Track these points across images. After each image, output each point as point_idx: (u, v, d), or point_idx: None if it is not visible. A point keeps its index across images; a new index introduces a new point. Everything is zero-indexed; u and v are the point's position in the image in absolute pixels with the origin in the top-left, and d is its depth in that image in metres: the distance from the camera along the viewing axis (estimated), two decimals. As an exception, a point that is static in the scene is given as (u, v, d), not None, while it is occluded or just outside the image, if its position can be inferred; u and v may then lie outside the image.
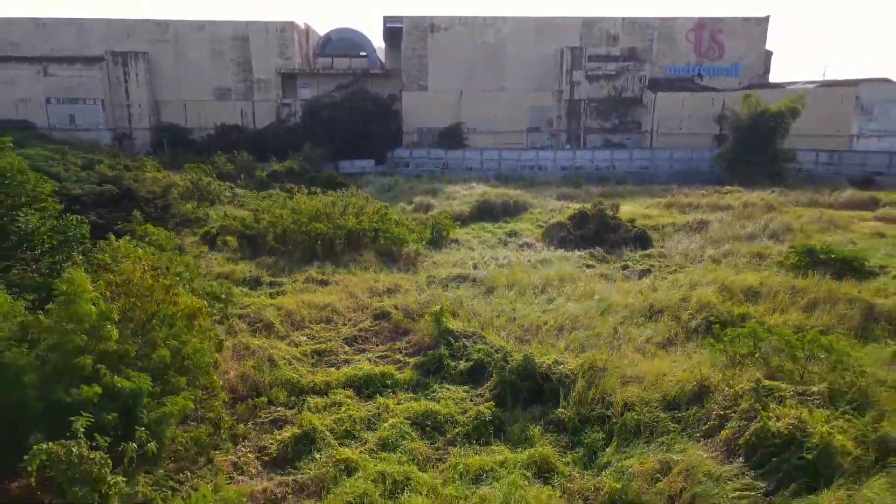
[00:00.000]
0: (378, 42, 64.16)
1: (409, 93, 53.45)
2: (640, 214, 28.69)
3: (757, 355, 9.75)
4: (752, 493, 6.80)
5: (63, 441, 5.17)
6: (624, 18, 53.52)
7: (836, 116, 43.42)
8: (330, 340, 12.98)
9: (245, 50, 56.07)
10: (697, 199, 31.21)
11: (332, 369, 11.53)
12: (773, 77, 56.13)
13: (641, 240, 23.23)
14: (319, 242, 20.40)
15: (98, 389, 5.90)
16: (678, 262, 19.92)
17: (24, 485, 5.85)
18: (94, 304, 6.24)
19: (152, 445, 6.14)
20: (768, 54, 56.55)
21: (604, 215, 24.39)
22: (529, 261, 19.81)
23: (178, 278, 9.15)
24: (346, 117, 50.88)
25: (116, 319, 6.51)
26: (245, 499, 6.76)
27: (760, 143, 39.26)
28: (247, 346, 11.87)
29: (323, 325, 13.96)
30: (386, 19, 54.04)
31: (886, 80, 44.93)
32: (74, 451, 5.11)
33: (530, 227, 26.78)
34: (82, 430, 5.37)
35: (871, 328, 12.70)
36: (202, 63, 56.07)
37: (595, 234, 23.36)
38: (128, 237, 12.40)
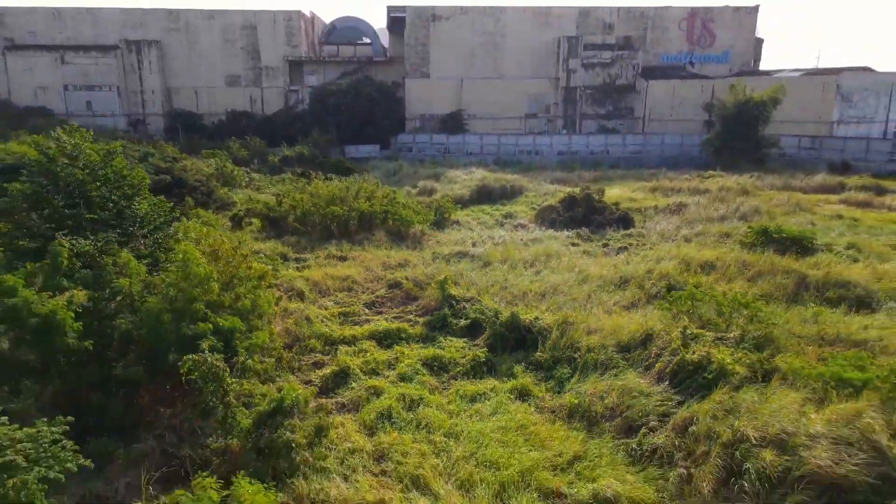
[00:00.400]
0: (383, 35, 65.98)
1: (412, 80, 55.65)
2: (627, 198, 31.22)
3: (692, 311, 12.39)
4: (669, 402, 9.45)
5: (201, 353, 7.78)
6: (619, 8, 55.49)
7: (818, 103, 45.67)
8: (352, 305, 15.64)
9: (253, 38, 58.16)
10: (680, 183, 33.72)
11: (357, 326, 14.19)
12: (768, 64, 58.75)
13: (624, 221, 25.77)
14: (335, 223, 23.02)
15: (209, 326, 8.46)
16: (654, 240, 22.47)
17: (162, 389, 8.50)
18: (201, 267, 8.82)
19: (250, 362, 8.76)
20: (759, 42, 58.60)
21: (591, 199, 26.93)
22: (522, 240, 22.40)
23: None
24: (352, 104, 53.22)
25: (215, 278, 9.09)
26: (311, 396, 9.40)
27: (745, 129, 41.62)
28: (285, 308, 14.53)
29: (345, 292, 16.61)
30: (389, 9, 56.04)
31: (866, 69, 47.16)
32: (208, 360, 7.69)
33: (525, 210, 29.30)
34: (207, 349, 7.97)
35: (801, 294, 15.33)
36: (212, 51, 58.21)
37: (583, 216, 25.89)
38: (184, 219, 14.97)
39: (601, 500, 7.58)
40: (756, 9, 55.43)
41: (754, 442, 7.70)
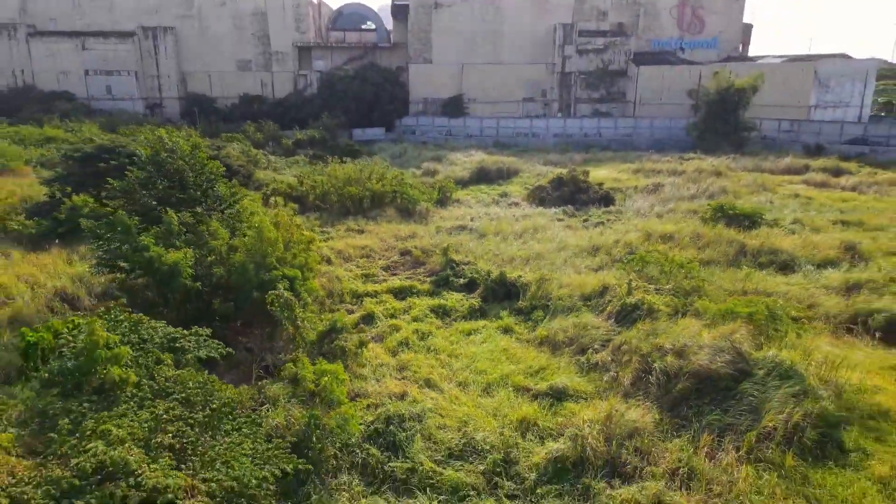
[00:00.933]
0: (386, 17, 68.56)
1: (415, 65, 58.50)
2: (612, 178, 34.46)
3: (641, 270, 15.79)
4: (612, 332, 12.88)
5: (278, 290, 11.14)
6: (613, -4, 58.09)
7: (797, 89, 48.57)
8: (371, 268, 19.03)
9: (264, 24, 60.89)
10: (661, 165, 36.97)
11: (376, 284, 17.60)
12: (762, 48, 61.88)
13: (606, 199, 29.07)
14: (351, 202, 26.35)
15: (280, 273, 11.81)
16: (629, 217, 25.79)
17: (244, 321, 11.93)
18: (266, 234, 12.15)
19: (308, 299, 12.19)
20: (747, 28, 61.27)
21: (577, 180, 30.21)
22: (514, 216, 25.71)
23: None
24: (359, 89, 56.23)
25: (279, 240, 12.41)
26: (354, 321, 12.86)
27: (726, 114, 44.70)
28: (318, 269, 17.93)
29: (364, 259, 20.00)
30: (394, -2, 58.75)
31: (843, 56, 49.97)
32: (284, 295, 11.06)
33: (519, 189, 32.56)
34: (282, 287, 11.34)
35: (740, 259, 18.71)
36: (224, 36, 61.03)
37: (569, 195, 29.17)
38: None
39: (555, 390, 11.04)
40: (743, -3, 58.00)
41: (663, 352, 11.16)
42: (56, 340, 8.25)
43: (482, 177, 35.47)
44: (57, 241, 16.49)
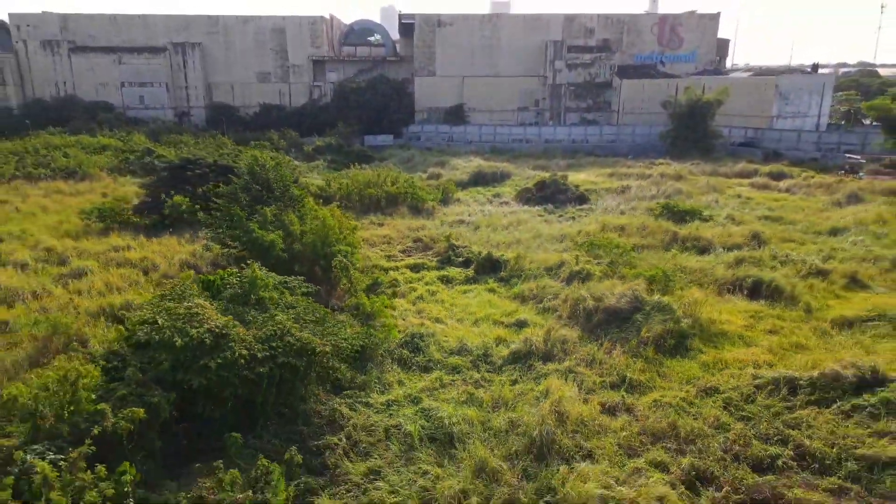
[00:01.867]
0: (390, 26, 74.53)
1: (420, 78, 64.51)
2: (589, 181, 40.41)
3: (590, 251, 21.78)
4: (562, 288, 18.89)
5: (340, 258, 17.03)
6: (599, 14, 64.07)
7: (761, 101, 54.50)
8: (391, 251, 25.02)
9: (282, 40, 66.96)
10: (633, 170, 42.93)
11: (396, 262, 23.58)
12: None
13: (581, 199, 35.01)
14: (370, 201, 32.34)
15: (338, 248, 17.72)
16: (597, 213, 31.76)
17: (314, 280, 17.91)
18: (328, 222, 18.11)
19: (358, 267, 18.16)
20: (723, 42, 67.21)
21: (557, 182, 36.19)
22: (504, 213, 31.69)
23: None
24: (370, 99, 62.30)
25: (335, 226, 18.33)
26: (388, 281, 18.92)
27: (695, 124, 50.63)
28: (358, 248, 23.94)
29: (385, 245, 26.01)
30: (401, 16, 64.80)
31: (803, 72, 55.84)
32: (343, 260, 16.96)
33: (510, 190, 38.50)
34: (341, 256, 17.27)
35: (672, 245, 24.68)
36: (246, 51, 67.10)
37: (550, 195, 35.13)
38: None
39: (519, 321, 16.99)
40: (717, 15, 63.96)
41: (588, 298, 17.18)
42: (222, 280, 14.23)
43: (479, 180, 41.45)
44: (169, 230, 22.54)
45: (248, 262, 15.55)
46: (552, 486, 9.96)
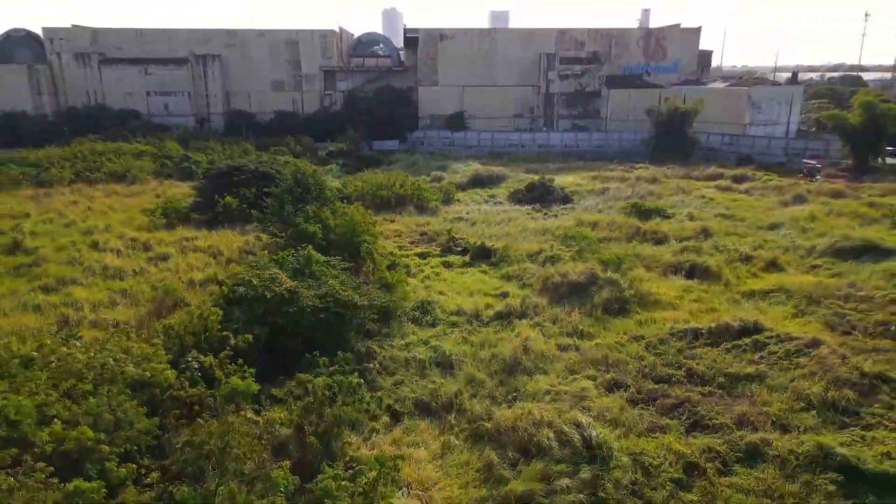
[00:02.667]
0: (394, 33, 79.69)
1: (424, 87, 69.66)
2: (575, 183, 45.46)
3: (564, 241, 26.91)
4: (539, 270, 23.98)
5: (366, 245, 22.09)
6: (589, 28, 69.19)
7: (735, 109, 59.53)
8: (402, 242, 30.17)
9: (295, 51, 72.11)
10: (614, 173, 47.99)
11: (407, 251, 28.72)
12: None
13: (565, 199, 40.12)
14: (381, 201, 37.45)
15: (364, 238, 22.77)
16: (578, 211, 36.85)
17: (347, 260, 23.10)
18: (355, 217, 23.13)
19: (379, 252, 23.26)
20: (705, 53, 72.28)
21: (545, 184, 41.30)
22: (497, 211, 36.85)
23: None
24: (377, 106, 67.43)
25: (361, 220, 23.35)
26: (403, 264, 24.06)
27: (674, 131, 55.70)
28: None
29: (397, 237, 31.15)
30: (406, 30, 69.95)
31: (774, 83, 60.90)
32: (369, 247, 22.01)
33: (504, 192, 43.55)
34: (366, 244, 22.30)
35: (635, 237, 29.79)
36: (262, 62, 72.23)
37: (539, 196, 40.22)
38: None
39: (503, 293, 22.12)
40: (699, 29, 69.10)
41: (556, 274, 22.33)
42: (285, 259, 19.37)
43: (477, 182, 46.53)
44: (224, 225, 27.75)
45: (293, 247, 20.74)
46: (517, 388, 15.14)
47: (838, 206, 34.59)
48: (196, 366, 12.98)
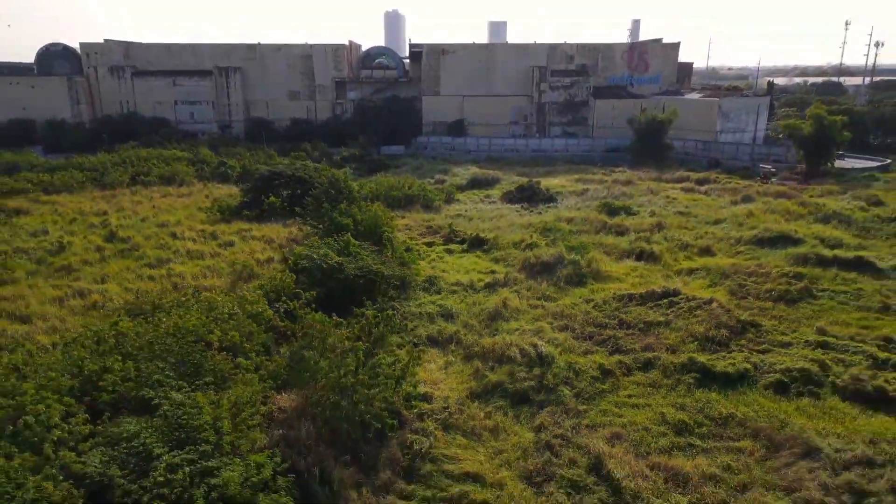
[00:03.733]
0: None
1: (427, 97, 76.41)
2: (560, 185, 52.15)
3: (543, 233, 33.61)
4: (521, 254, 30.68)
5: (386, 234, 28.80)
6: (578, 44, 75.89)
7: (708, 118, 66.23)
8: (412, 234, 36.90)
9: (309, 64, 78.88)
10: (595, 176, 54.72)
11: (416, 241, 35.43)
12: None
13: (549, 199, 46.81)
14: (392, 200, 44.13)
15: (384, 229, 29.45)
16: (560, 209, 43.52)
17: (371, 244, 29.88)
18: (377, 212, 29.78)
19: (397, 240, 29.95)
20: (688, 66, 78.95)
21: (533, 186, 48.02)
22: (491, 209, 43.57)
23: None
24: (385, 114, 74.18)
25: (382, 214, 30.00)
26: (415, 249, 30.80)
27: (651, 139, 62.38)
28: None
29: (407, 230, 37.87)
30: (411, 45, 76.73)
31: (743, 95, 67.58)
32: (390, 234, 28.69)
33: (498, 192, 50.25)
34: (388, 233, 28.99)
35: (601, 230, 36.52)
36: (279, 73, 79.01)
37: (527, 196, 46.92)
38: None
39: (492, 270, 28.87)
40: (678, 44, 75.80)
41: (532, 257, 29.10)
42: (328, 243, 26.10)
43: (474, 184, 53.28)
44: (269, 219, 34.51)
45: (329, 236, 27.51)
46: (497, 328, 21.90)
47: (776, 204, 41.29)
48: (283, 308, 19.74)
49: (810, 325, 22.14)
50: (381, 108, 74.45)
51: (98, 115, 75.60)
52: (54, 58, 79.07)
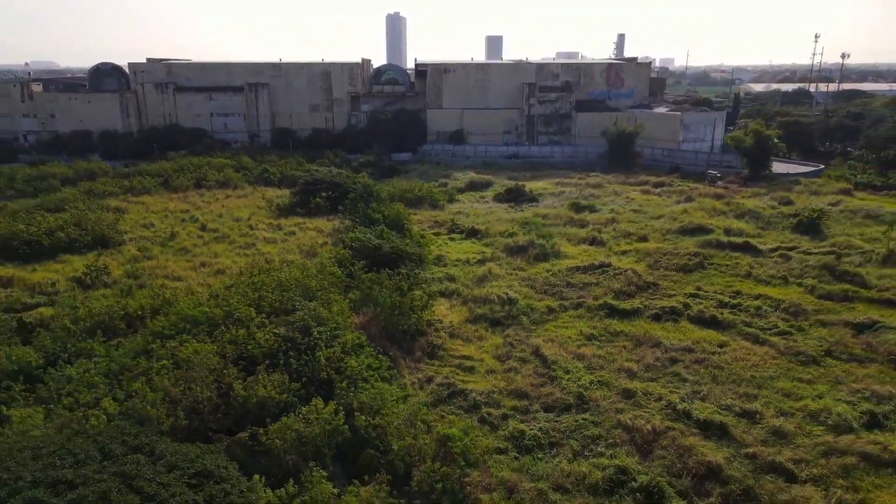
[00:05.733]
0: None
1: (431, 109, 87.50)
2: (542, 188, 63.28)
3: (524, 225, 44.72)
4: (506, 240, 41.79)
5: (406, 225, 39.81)
6: (563, 63, 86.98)
7: (672, 129, 77.28)
8: (422, 227, 48.04)
9: (328, 80, 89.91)
10: (572, 180, 65.84)
11: (426, 232, 46.53)
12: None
13: (532, 199, 57.94)
14: (406, 200, 55.23)
15: (404, 221, 40.39)
16: (539, 207, 54.60)
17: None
18: (398, 210, 40.70)
19: (413, 230, 40.95)
20: (661, 81, 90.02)
21: (519, 189, 59.17)
22: (484, 207, 54.71)
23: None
24: (394, 125, 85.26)
25: (402, 211, 40.86)
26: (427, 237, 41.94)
27: (622, 147, 73.48)
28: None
29: (418, 224, 48.94)
30: (417, 65, 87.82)
31: (702, 110, 78.69)
32: (409, 226, 39.64)
33: (491, 194, 61.26)
34: (407, 224, 39.98)
35: (568, 223, 47.67)
36: (301, 88, 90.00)
37: (514, 196, 58.06)
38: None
39: (482, 252, 40.02)
40: (650, 64, 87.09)
41: (511, 242, 40.33)
42: (366, 231, 37.22)
43: (472, 187, 64.34)
44: (315, 216, 45.65)
45: (365, 227, 38.72)
46: (484, 286, 33.12)
47: (708, 203, 52.47)
48: (346, 272, 30.99)
49: (692, 285, 33.36)
50: (391, 119, 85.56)
51: (144, 126, 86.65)
52: (104, 75, 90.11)
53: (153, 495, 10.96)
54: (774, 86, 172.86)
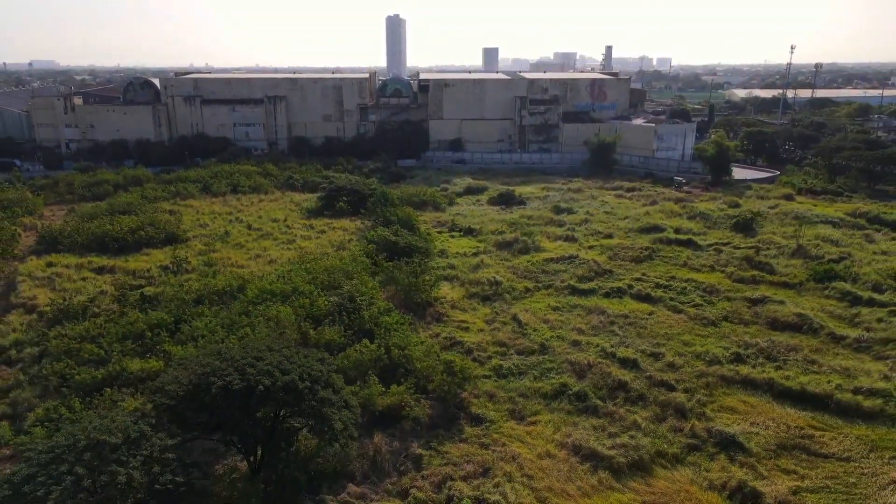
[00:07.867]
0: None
1: (433, 120, 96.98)
2: (530, 192, 72.76)
3: (512, 225, 54.23)
4: (496, 237, 51.31)
5: (415, 224, 49.16)
6: (551, 78, 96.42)
7: (647, 139, 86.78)
8: (427, 226, 57.53)
9: (339, 93, 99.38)
10: (557, 185, 75.35)
11: (430, 230, 56.03)
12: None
13: (521, 202, 67.46)
14: (412, 203, 64.69)
15: (413, 221, 49.80)
16: (527, 209, 64.08)
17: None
18: (409, 212, 50.00)
19: (421, 227, 50.32)
20: (642, 93, 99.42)
21: (510, 193, 68.68)
22: (479, 209, 64.21)
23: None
24: (399, 134, 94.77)
25: (411, 213, 50.19)
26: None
27: (602, 156, 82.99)
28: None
29: (424, 223, 58.50)
30: (420, 80, 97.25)
31: (675, 122, 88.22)
32: (418, 225, 49.06)
33: (485, 198, 70.66)
34: (418, 224, 49.36)
35: (549, 224, 57.25)
36: (315, 100, 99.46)
37: (505, 200, 67.58)
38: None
39: (476, 247, 49.54)
40: (629, 79, 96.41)
41: (501, 239, 49.91)
42: (385, 228, 46.72)
43: (469, 191, 73.82)
44: (339, 217, 55.12)
45: (382, 226, 48.29)
46: (477, 272, 42.73)
47: (668, 206, 62.04)
48: (371, 261, 40.57)
49: (639, 272, 42.93)
50: (397, 129, 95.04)
51: (174, 135, 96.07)
52: (136, 88, 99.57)
53: (308, 367, 20.21)
54: (756, 92, 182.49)
